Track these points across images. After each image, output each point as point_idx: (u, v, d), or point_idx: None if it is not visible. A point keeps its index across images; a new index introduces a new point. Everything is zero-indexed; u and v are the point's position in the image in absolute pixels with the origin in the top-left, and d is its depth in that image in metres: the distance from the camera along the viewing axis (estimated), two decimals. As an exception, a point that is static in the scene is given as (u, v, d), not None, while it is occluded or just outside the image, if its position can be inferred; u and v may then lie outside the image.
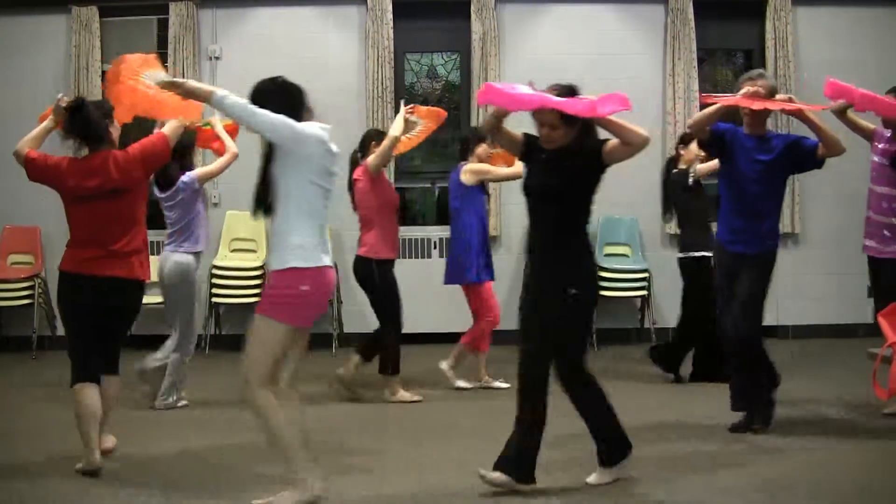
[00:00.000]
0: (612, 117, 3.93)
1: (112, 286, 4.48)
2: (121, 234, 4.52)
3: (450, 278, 6.49)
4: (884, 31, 8.55)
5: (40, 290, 8.06)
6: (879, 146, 5.50)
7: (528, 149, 4.22)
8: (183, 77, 8.15)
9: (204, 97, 3.81)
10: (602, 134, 4.09)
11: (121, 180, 4.49)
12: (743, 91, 4.94)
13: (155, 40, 8.36)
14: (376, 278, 6.09)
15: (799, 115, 5.02)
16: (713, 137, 5.06)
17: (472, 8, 8.33)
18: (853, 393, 5.87)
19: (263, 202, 3.84)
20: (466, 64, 8.56)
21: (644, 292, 8.20)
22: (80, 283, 4.48)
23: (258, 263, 8.13)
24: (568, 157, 4.03)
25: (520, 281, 8.28)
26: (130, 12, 8.40)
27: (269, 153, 3.79)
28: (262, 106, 3.74)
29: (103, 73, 8.22)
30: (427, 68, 8.82)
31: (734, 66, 8.92)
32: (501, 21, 8.42)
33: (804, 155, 5.02)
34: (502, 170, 6.42)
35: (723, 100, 5.02)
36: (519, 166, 6.38)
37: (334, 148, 3.89)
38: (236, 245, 8.33)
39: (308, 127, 3.80)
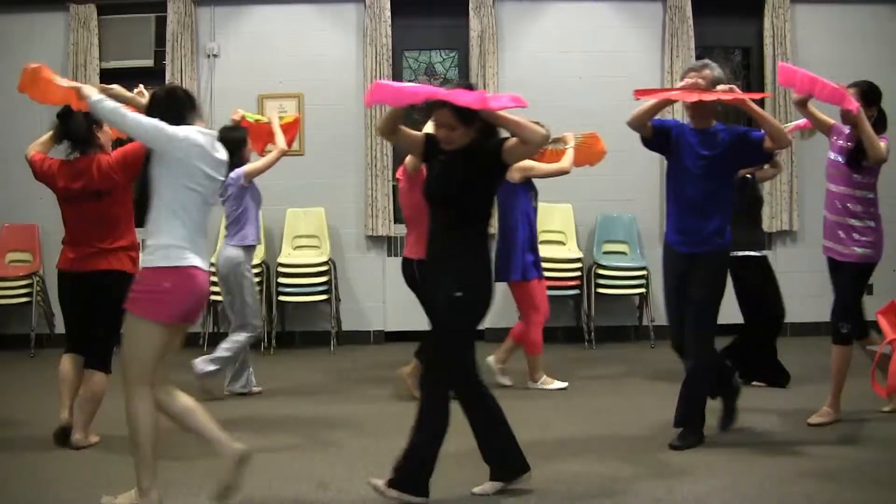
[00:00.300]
0: (509, 115, 3.83)
1: (99, 279, 4.80)
2: (107, 234, 4.85)
3: (496, 275, 6.39)
4: (882, 28, 8.55)
5: (38, 288, 8.05)
6: (837, 142, 5.24)
7: (428, 150, 4.10)
8: (181, 75, 8.19)
9: (83, 98, 3.94)
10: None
11: (101, 183, 4.81)
12: (682, 83, 4.77)
13: (153, 38, 8.34)
14: (418, 279, 5.86)
15: (741, 104, 4.76)
16: (656, 134, 4.85)
17: (471, 5, 8.33)
18: (853, 390, 5.87)
19: (141, 203, 3.99)
20: (465, 61, 8.55)
21: (642, 290, 8.20)
22: (71, 280, 4.89)
23: (257, 261, 8.13)
24: (467, 159, 3.92)
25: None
26: (128, 10, 8.38)
27: (148, 155, 3.91)
28: (150, 111, 3.90)
29: (102, 71, 8.22)
30: (425, 66, 8.81)
31: (732, 63, 8.90)
32: (500, 18, 8.41)
33: (751, 148, 4.77)
34: (548, 166, 6.27)
35: (659, 93, 4.86)
36: (565, 161, 6.30)
37: (218, 153, 3.95)
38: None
39: (182, 130, 3.84)
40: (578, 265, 8.09)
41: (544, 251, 8.24)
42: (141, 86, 4.68)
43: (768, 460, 4.62)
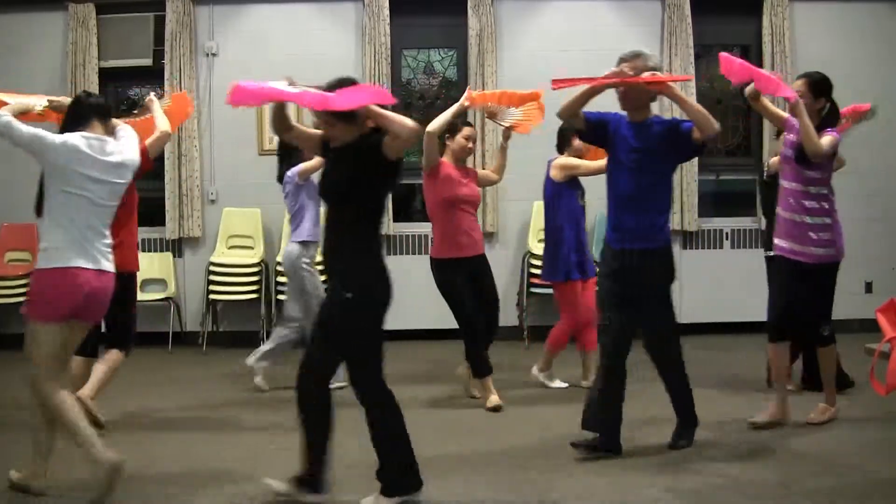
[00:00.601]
0: (378, 109, 3.72)
1: None
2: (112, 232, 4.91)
3: (542, 275, 6.37)
4: (881, 26, 8.55)
5: (38, 288, 8.05)
6: (789, 137, 5.06)
7: (325, 147, 4.03)
8: (179, 74, 8.20)
9: None
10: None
11: None
12: (607, 72, 4.61)
13: (152, 37, 8.34)
14: (435, 278, 5.84)
15: (663, 90, 4.57)
16: (590, 126, 4.71)
17: (469, 4, 8.32)
18: (852, 388, 5.88)
19: (37, 208, 4.19)
20: (463, 60, 8.55)
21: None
22: None
23: (256, 260, 8.14)
24: (353, 155, 3.84)
25: (517, 277, 8.33)
26: (127, 9, 8.38)
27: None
28: (63, 119, 4.26)
29: (100, 70, 8.22)
30: (424, 64, 8.81)
31: (731, 61, 8.90)
32: (498, 17, 8.41)
33: (682, 139, 4.57)
34: (592, 163, 6.05)
35: (577, 82, 4.59)
36: (599, 162, 5.89)
37: (110, 156, 4.14)
38: (234, 242, 8.32)
39: (62, 137, 4.05)
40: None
41: (541, 250, 8.24)
42: (152, 94, 4.99)
43: (768, 459, 4.62)
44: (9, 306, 8.03)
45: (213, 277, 8.14)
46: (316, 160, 6.13)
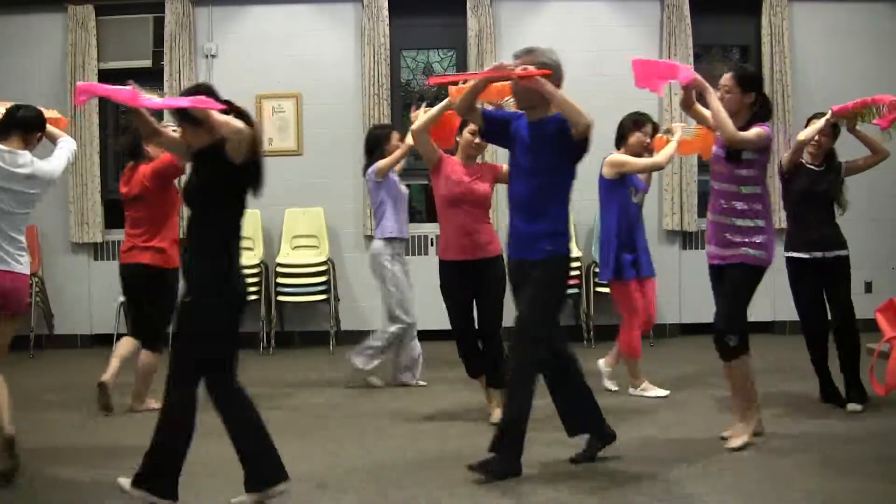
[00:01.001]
0: (213, 114, 3.73)
1: (135, 271, 5.65)
2: (143, 231, 5.65)
3: (599, 275, 6.31)
4: (880, 26, 8.55)
5: (38, 289, 8.06)
6: (719, 135, 4.77)
7: (189, 153, 4.09)
8: (179, 75, 8.20)
9: None
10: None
11: (135, 189, 5.65)
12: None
13: (151, 38, 8.34)
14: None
15: (533, 84, 4.25)
16: (487, 124, 4.52)
17: (468, 5, 8.33)
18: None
19: None
20: (462, 61, 8.55)
21: (641, 289, 8.18)
22: (121, 271, 5.79)
23: (256, 261, 8.13)
24: (204, 159, 3.88)
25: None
26: (126, 10, 8.38)
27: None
28: None
29: (100, 71, 8.22)
30: (423, 65, 8.81)
31: (730, 62, 8.90)
32: (497, 17, 8.41)
33: (567, 136, 4.25)
34: (641, 161, 5.90)
35: (452, 78, 4.47)
36: (660, 156, 5.86)
37: (20, 168, 4.48)
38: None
39: None
40: (577, 264, 8.09)
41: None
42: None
43: (767, 459, 4.62)
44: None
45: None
46: (393, 156, 6.22)
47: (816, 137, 5.54)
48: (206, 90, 3.86)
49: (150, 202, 5.63)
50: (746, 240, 4.70)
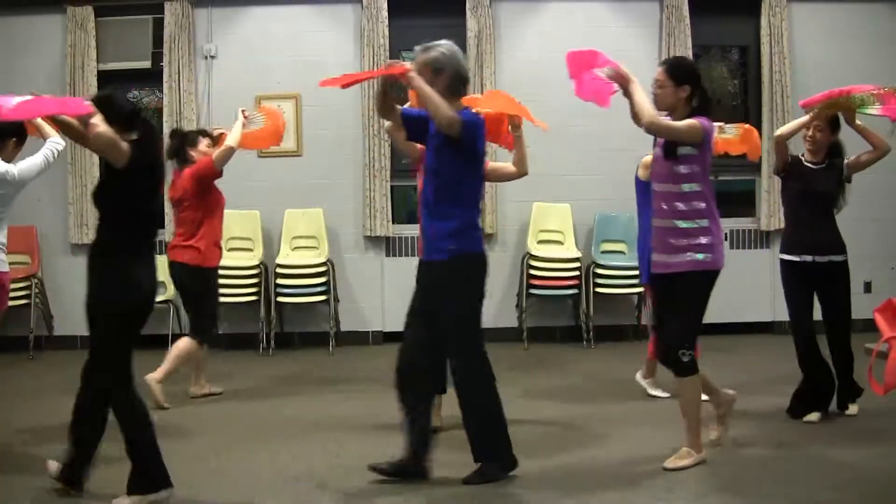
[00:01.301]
0: (66, 119, 4.02)
1: (175, 269, 6.04)
2: (184, 231, 6.04)
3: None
4: (879, 26, 8.56)
5: (37, 290, 8.06)
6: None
7: None
8: (178, 76, 8.19)
9: None
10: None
11: (178, 192, 6.05)
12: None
13: (150, 40, 8.33)
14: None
15: (404, 80, 4.19)
16: (406, 124, 4.43)
17: (468, 5, 8.33)
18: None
19: None
20: (462, 61, 8.54)
21: (641, 289, 8.18)
22: (167, 267, 6.04)
23: (255, 262, 8.13)
24: (101, 164, 4.12)
25: (516, 278, 8.33)
26: (126, 12, 8.37)
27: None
28: None
29: (99, 72, 8.22)
30: (423, 66, 8.80)
31: (729, 62, 8.92)
32: (496, 18, 8.41)
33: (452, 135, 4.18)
34: None
35: (343, 79, 4.55)
36: None
37: None
38: (233, 244, 8.30)
39: None
40: (577, 265, 8.09)
41: (541, 251, 8.26)
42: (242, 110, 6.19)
43: (767, 460, 4.63)
44: (8, 309, 8.02)
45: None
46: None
47: (811, 133, 5.35)
48: (96, 100, 3.97)
49: (192, 204, 5.99)
50: (692, 242, 4.37)
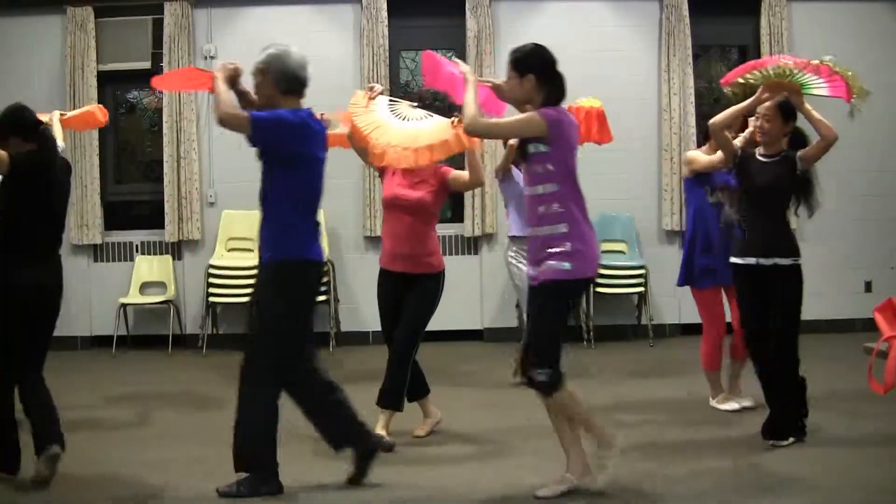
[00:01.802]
0: None
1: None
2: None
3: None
4: (879, 25, 8.56)
5: (37, 291, 8.06)
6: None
7: None
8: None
9: None
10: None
11: None
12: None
13: (150, 40, 8.33)
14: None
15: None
16: None
17: (467, 5, 8.33)
18: (850, 387, 5.88)
19: None
20: (462, 61, 8.53)
21: (641, 289, 8.20)
22: None
23: (255, 262, 8.11)
24: None
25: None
26: (125, 12, 8.38)
27: None
28: None
29: (99, 73, 8.23)
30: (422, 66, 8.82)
31: (729, 62, 8.92)
32: (496, 18, 8.41)
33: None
34: (708, 158, 5.38)
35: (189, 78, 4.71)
36: (718, 154, 5.20)
37: None
38: (233, 244, 8.31)
39: None
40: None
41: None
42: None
43: (766, 460, 4.62)
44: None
45: (212, 280, 8.13)
46: (505, 157, 5.95)
47: (759, 123, 4.83)
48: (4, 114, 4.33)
49: None
50: (553, 250, 3.94)
